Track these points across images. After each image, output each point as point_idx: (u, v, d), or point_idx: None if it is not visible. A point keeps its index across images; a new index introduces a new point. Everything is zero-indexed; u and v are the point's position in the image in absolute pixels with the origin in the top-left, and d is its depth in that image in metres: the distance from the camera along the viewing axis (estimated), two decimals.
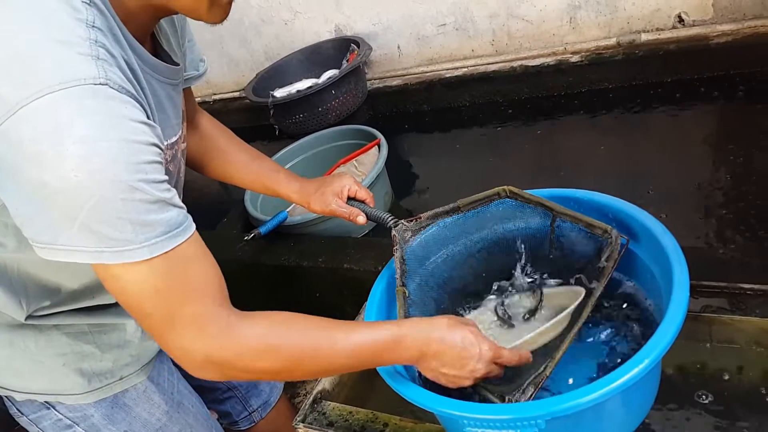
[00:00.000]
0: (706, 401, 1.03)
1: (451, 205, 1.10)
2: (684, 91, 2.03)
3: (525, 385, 0.88)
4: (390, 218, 1.10)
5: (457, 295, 1.14)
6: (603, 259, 0.97)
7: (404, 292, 1.01)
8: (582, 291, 0.99)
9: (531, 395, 0.87)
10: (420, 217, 1.09)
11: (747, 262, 1.18)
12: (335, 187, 1.15)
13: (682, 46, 2.08)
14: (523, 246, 1.11)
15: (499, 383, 0.93)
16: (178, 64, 0.90)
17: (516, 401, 0.87)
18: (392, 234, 1.07)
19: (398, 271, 1.03)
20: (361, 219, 1.14)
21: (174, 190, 0.72)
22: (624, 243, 0.97)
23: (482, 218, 1.11)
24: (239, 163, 1.20)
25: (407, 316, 0.99)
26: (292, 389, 2.09)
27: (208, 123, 1.20)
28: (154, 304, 0.71)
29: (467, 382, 0.89)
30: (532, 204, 1.07)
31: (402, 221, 1.09)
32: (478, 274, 1.14)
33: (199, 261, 0.74)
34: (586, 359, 1.03)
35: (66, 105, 0.61)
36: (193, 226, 0.74)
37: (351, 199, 1.16)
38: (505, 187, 1.09)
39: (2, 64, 0.63)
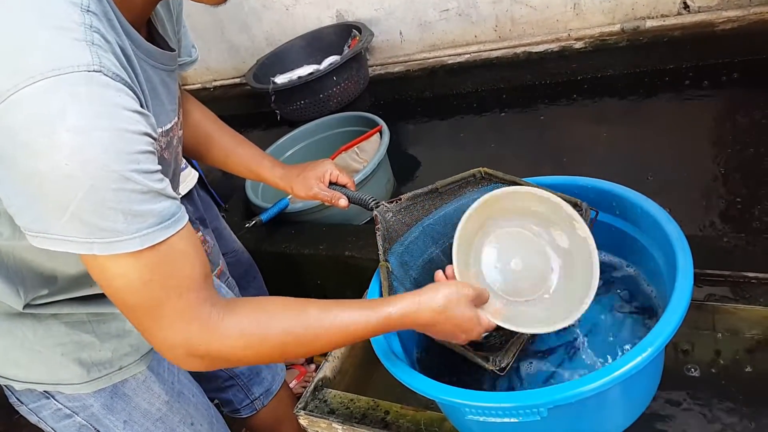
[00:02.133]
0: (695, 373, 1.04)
1: (430, 187, 1.12)
2: (688, 78, 2.02)
3: (507, 346, 0.94)
4: (371, 200, 1.12)
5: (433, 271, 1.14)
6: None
7: (387, 267, 1.05)
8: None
9: (513, 355, 0.93)
10: (400, 199, 1.12)
11: (751, 250, 1.18)
12: (317, 172, 1.17)
13: (687, 32, 2.06)
14: None
15: (483, 346, 0.97)
16: (173, 50, 0.88)
17: (499, 361, 0.92)
18: (374, 215, 1.10)
19: (381, 248, 1.06)
20: (343, 202, 1.16)
21: (167, 180, 0.70)
22: (594, 215, 1.00)
23: (460, 200, 1.13)
24: (225, 148, 1.20)
25: (391, 287, 1.02)
26: None
27: (195, 108, 1.19)
28: (139, 296, 0.71)
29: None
30: (506, 183, 1.09)
31: (383, 202, 1.11)
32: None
33: (187, 254, 0.73)
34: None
35: (59, 92, 0.60)
36: (186, 216, 0.73)
37: (333, 184, 1.18)
38: (480, 168, 1.12)
39: None
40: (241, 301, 0.81)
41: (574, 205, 1.00)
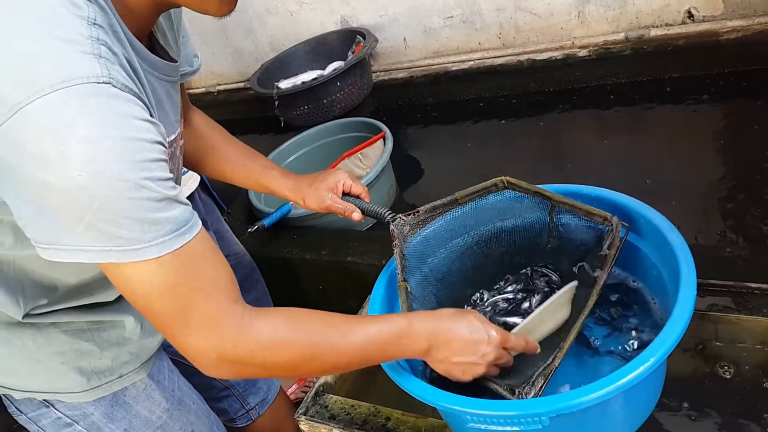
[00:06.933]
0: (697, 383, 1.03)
1: (449, 198, 1.09)
2: (692, 88, 2.02)
3: (534, 376, 0.86)
4: (388, 213, 1.08)
5: (457, 289, 1.13)
6: (605, 246, 0.95)
7: (406, 287, 1.01)
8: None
9: (541, 387, 0.85)
10: (418, 211, 1.08)
11: (754, 261, 1.17)
12: (330, 183, 1.13)
13: (691, 41, 2.06)
14: (522, 237, 1.10)
15: (508, 377, 0.92)
16: (175, 61, 0.89)
17: (526, 394, 0.85)
18: (390, 229, 1.06)
19: (399, 266, 1.02)
20: (356, 215, 1.12)
21: (179, 187, 0.70)
22: (625, 230, 0.95)
23: (481, 211, 1.10)
24: (233, 161, 1.18)
25: (410, 310, 0.98)
26: None
27: (201, 120, 1.18)
28: (164, 302, 0.70)
29: (480, 369, 0.87)
30: (530, 194, 1.05)
31: (400, 216, 1.07)
32: (478, 267, 1.13)
33: (207, 258, 0.73)
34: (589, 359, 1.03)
35: (69, 104, 0.60)
36: (200, 223, 0.73)
37: (346, 194, 1.14)
38: (502, 177, 1.07)
39: (3, 63, 0.62)
40: (272, 308, 0.81)
41: (604, 220, 0.97)
